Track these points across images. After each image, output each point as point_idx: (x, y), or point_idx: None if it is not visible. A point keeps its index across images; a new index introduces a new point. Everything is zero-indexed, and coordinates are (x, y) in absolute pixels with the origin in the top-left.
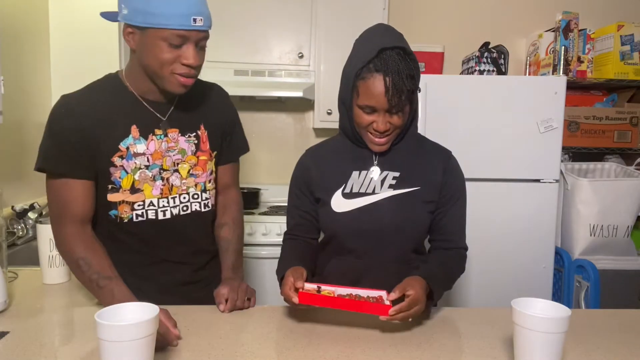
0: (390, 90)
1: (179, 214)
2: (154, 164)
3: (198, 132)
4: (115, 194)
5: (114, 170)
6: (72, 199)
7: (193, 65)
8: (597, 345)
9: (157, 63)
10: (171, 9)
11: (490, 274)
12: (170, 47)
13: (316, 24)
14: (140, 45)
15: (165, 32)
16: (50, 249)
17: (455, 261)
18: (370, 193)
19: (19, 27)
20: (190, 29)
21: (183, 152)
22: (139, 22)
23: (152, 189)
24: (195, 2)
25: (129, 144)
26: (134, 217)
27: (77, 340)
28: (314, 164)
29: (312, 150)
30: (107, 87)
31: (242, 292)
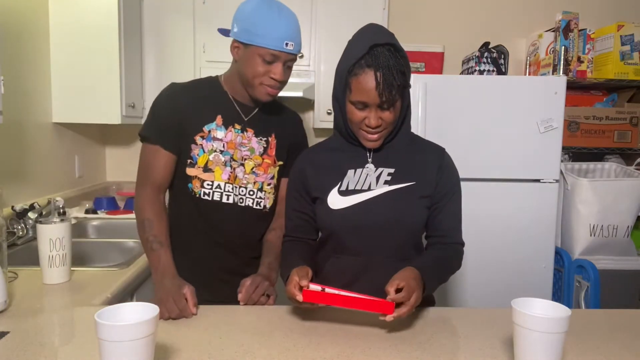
0: (381, 85)
1: (236, 203)
2: (227, 151)
3: (269, 138)
4: (191, 168)
5: (194, 147)
6: (157, 166)
7: (279, 79)
8: (597, 345)
9: (251, 74)
10: (270, 32)
11: (491, 274)
12: (263, 63)
13: (316, 24)
14: (241, 57)
15: (262, 50)
16: (50, 249)
17: (451, 255)
18: (366, 190)
19: (19, 27)
20: (282, 51)
21: (252, 151)
22: (244, 40)
23: (222, 173)
24: (289, 30)
25: (211, 128)
26: (201, 194)
27: (77, 340)
28: (310, 165)
29: (307, 152)
30: (206, 84)
31: (260, 288)
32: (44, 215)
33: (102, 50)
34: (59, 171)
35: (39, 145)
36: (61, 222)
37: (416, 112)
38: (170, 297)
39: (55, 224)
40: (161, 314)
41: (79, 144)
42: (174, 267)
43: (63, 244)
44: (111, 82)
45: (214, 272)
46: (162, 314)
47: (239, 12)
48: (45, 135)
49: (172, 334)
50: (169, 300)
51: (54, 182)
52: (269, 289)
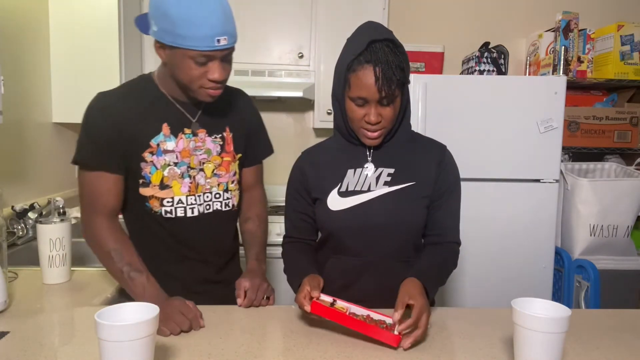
0: (380, 80)
1: (203, 212)
2: (182, 162)
3: (224, 134)
4: (145, 188)
5: (144, 165)
6: (104, 192)
7: (218, 80)
8: (597, 345)
9: (187, 78)
10: (196, 32)
11: (491, 274)
12: (197, 65)
13: (316, 24)
14: (170, 60)
15: (190, 52)
16: (50, 249)
17: (447, 256)
18: (365, 190)
19: (19, 27)
20: (215, 49)
21: (209, 152)
22: (167, 42)
23: (181, 187)
24: (218, 24)
25: (159, 141)
26: (163, 213)
27: (77, 340)
28: (309, 165)
29: (307, 152)
30: (140, 87)
31: (261, 292)
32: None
33: (102, 50)
34: (59, 171)
35: (39, 145)
36: (61, 222)
37: (416, 112)
38: (177, 310)
39: (55, 224)
40: (171, 330)
41: None
42: (162, 291)
43: (63, 244)
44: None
45: (187, 285)
46: (173, 329)
47: (153, 7)
48: (45, 135)
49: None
50: (176, 314)
51: (54, 182)
52: (268, 290)
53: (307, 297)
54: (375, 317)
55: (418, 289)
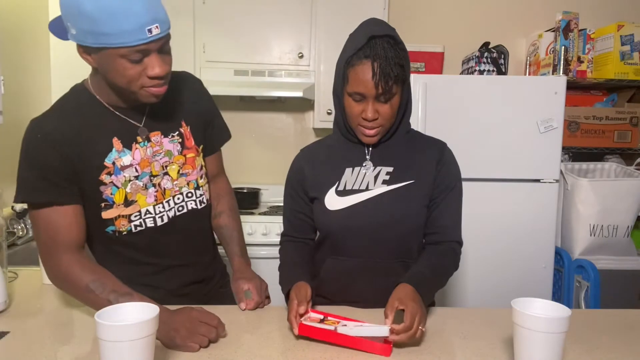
0: (378, 75)
1: (175, 215)
2: (143, 173)
3: (180, 130)
4: (109, 210)
5: (104, 188)
6: (63, 227)
7: (160, 75)
8: (597, 345)
9: (124, 81)
10: (121, 26)
11: (490, 274)
12: (132, 63)
13: (316, 24)
14: (100, 64)
15: (121, 50)
16: None
17: (446, 258)
18: (364, 189)
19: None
20: (148, 42)
21: (170, 154)
22: (90, 43)
23: (146, 198)
24: (145, 12)
25: (114, 159)
26: (132, 229)
27: (77, 340)
28: (307, 163)
29: (305, 150)
30: (77, 103)
31: (263, 293)
32: None
33: None
34: None
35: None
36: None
37: (416, 112)
38: (198, 321)
39: None
40: (200, 343)
41: None
42: (163, 306)
43: None
44: None
45: (171, 291)
46: (202, 341)
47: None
48: None
49: None
50: (199, 325)
51: None
52: (266, 287)
53: (296, 317)
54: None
55: (410, 294)
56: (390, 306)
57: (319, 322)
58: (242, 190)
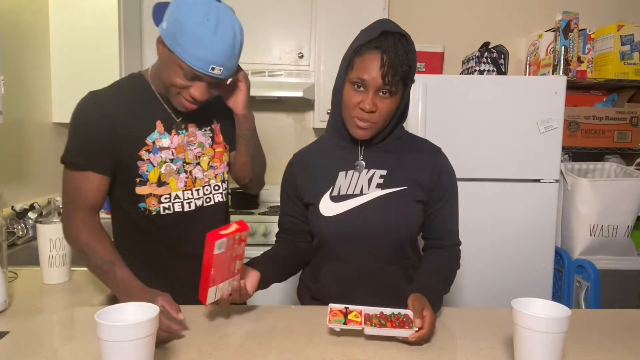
0: (386, 66)
1: (202, 205)
2: (177, 158)
3: (212, 126)
4: (143, 187)
5: (141, 164)
6: (87, 190)
7: (197, 99)
8: (597, 345)
9: (169, 82)
10: (197, 51)
11: (491, 274)
12: (184, 77)
13: (316, 24)
14: (164, 59)
15: (183, 64)
16: (50, 249)
17: (450, 262)
18: (358, 194)
19: (19, 27)
20: (206, 74)
21: (202, 146)
22: (168, 44)
23: (177, 182)
24: (221, 55)
25: (155, 138)
26: (161, 210)
27: (77, 340)
28: (300, 168)
29: (298, 155)
30: (132, 86)
31: None
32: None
33: (102, 50)
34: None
35: (39, 145)
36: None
37: (416, 112)
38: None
39: (55, 224)
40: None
41: None
42: (135, 279)
43: (63, 244)
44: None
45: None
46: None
47: (172, 12)
48: (45, 135)
49: None
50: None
51: (54, 182)
52: None
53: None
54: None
55: (426, 303)
56: (417, 311)
57: (343, 316)
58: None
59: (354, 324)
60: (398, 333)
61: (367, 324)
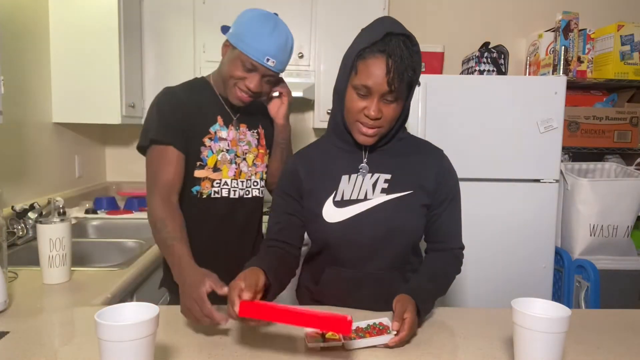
0: (392, 72)
1: (243, 196)
2: (231, 149)
3: (258, 130)
4: (201, 170)
5: (203, 149)
6: (167, 167)
7: (252, 90)
8: (597, 345)
9: (229, 74)
10: (255, 44)
11: (490, 274)
12: (243, 68)
13: (316, 24)
14: (227, 57)
15: (244, 56)
16: (50, 249)
17: (448, 265)
18: (362, 199)
19: (19, 27)
20: (261, 64)
21: (249, 144)
22: (233, 42)
23: (228, 171)
24: (274, 47)
25: (216, 129)
26: (212, 193)
27: (77, 340)
28: (304, 170)
29: (300, 155)
30: (199, 86)
31: None
32: (44, 215)
33: (102, 50)
34: (59, 171)
35: (39, 145)
36: (61, 222)
37: (416, 112)
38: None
39: (55, 224)
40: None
41: (79, 144)
42: (189, 256)
43: (63, 244)
44: (111, 82)
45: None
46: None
47: (240, 16)
48: (45, 135)
49: (172, 334)
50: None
51: (54, 182)
52: None
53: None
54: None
55: (412, 305)
56: (397, 313)
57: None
58: None
59: (333, 342)
60: (378, 341)
61: (346, 339)
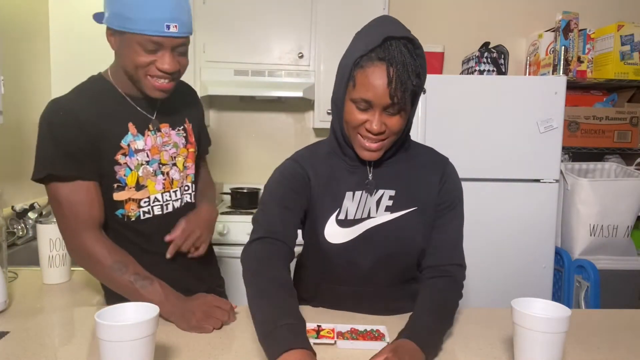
0: (394, 82)
1: (178, 207)
2: (153, 159)
3: (185, 126)
4: (121, 192)
5: (118, 168)
6: (86, 203)
7: (167, 71)
8: (597, 345)
9: (132, 66)
10: (145, 15)
11: (490, 274)
12: (145, 52)
13: (316, 24)
14: (119, 47)
15: (139, 37)
16: (50, 249)
17: (449, 293)
18: (365, 218)
19: (19, 27)
20: (164, 36)
21: (176, 146)
22: (116, 26)
23: (155, 184)
24: (169, 9)
25: (129, 141)
26: (141, 215)
27: (77, 340)
28: (314, 174)
29: (305, 160)
30: (96, 89)
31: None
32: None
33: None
34: None
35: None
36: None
37: (416, 112)
38: (214, 305)
39: (55, 223)
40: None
41: None
42: (178, 293)
43: (63, 244)
44: None
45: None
46: (215, 324)
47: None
48: None
49: (172, 334)
50: (214, 309)
51: None
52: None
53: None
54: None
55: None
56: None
57: (316, 333)
58: (242, 190)
59: (326, 339)
60: (370, 346)
61: (339, 338)
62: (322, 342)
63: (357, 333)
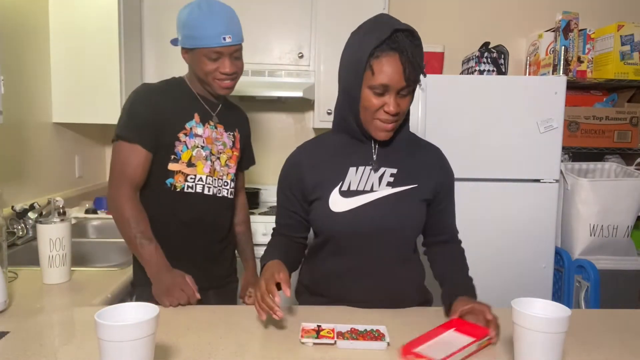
0: (407, 68)
1: (215, 194)
2: (206, 146)
3: (234, 133)
4: (175, 164)
5: (178, 144)
6: (134, 164)
7: (228, 73)
8: (597, 345)
9: (202, 73)
10: (206, 32)
11: (490, 274)
12: (210, 61)
13: (316, 24)
14: (191, 61)
15: (204, 50)
16: (50, 249)
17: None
18: (368, 191)
19: (19, 27)
20: (222, 45)
21: (225, 145)
22: (187, 45)
23: (204, 167)
24: (223, 24)
25: (192, 125)
26: (185, 188)
27: (77, 340)
28: (308, 162)
29: (304, 148)
30: (175, 85)
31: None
32: (44, 215)
33: (102, 50)
34: (59, 171)
35: (39, 145)
36: (61, 222)
37: (416, 112)
38: (177, 286)
39: (55, 224)
40: (170, 302)
41: (79, 144)
42: (167, 261)
43: (63, 244)
44: (111, 82)
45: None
46: (172, 301)
47: (178, 22)
48: (45, 135)
49: (172, 334)
50: (176, 289)
51: (54, 182)
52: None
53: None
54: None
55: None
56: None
57: (316, 333)
58: None
59: (326, 339)
60: (370, 346)
61: (339, 338)
62: (322, 342)
63: (357, 333)
